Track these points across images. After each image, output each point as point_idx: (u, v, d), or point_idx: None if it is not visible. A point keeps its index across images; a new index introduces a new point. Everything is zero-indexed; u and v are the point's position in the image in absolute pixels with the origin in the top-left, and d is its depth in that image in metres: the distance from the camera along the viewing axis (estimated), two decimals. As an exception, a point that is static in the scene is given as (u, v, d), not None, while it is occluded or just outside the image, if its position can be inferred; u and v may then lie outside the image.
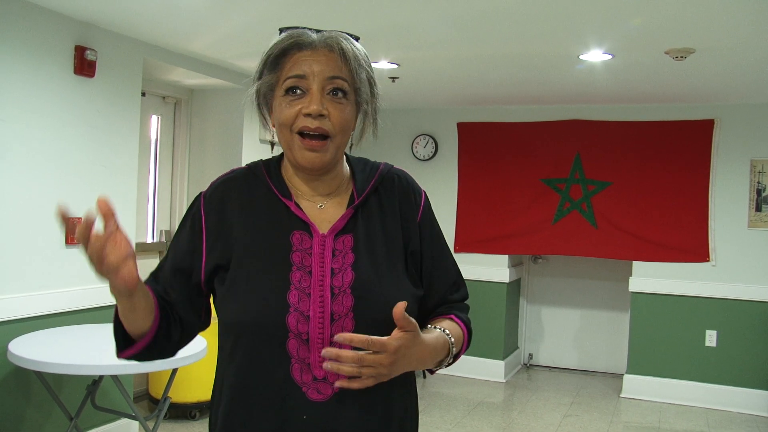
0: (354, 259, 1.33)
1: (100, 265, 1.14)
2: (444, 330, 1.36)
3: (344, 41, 1.34)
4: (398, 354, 1.21)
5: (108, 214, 1.12)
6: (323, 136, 1.31)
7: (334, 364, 1.19)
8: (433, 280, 1.44)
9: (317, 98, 1.30)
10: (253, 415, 1.31)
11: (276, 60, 1.34)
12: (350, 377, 1.21)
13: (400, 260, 1.39)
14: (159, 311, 1.33)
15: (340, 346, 1.22)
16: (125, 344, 1.33)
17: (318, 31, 1.35)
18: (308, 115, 1.30)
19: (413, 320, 1.22)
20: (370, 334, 1.25)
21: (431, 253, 1.45)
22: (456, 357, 1.39)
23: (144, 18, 3.58)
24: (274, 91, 1.35)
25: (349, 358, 1.18)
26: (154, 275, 1.43)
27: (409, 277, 1.40)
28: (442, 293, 1.45)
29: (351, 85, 1.33)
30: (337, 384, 1.23)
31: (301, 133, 1.31)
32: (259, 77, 1.37)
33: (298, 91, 1.31)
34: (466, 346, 1.44)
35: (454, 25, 3.49)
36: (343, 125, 1.33)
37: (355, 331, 1.29)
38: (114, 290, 1.21)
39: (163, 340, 1.34)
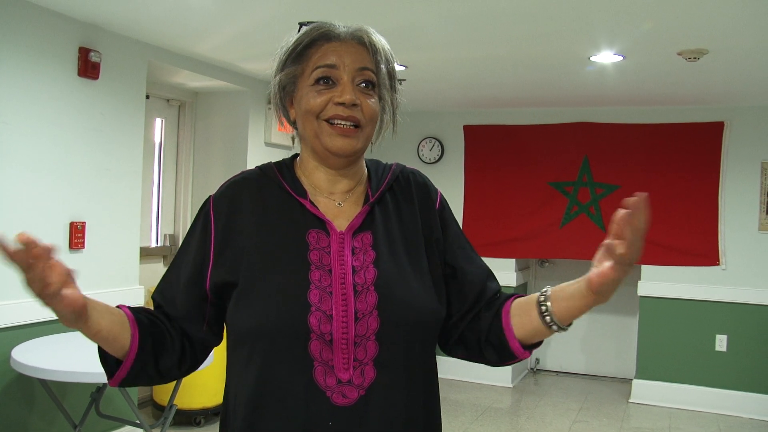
0: (375, 256, 1.30)
1: (45, 288, 1.07)
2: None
3: (372, 34, 1.34)
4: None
5: (31, 243, 1.04)
6: (355, 125, 1.30)
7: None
8: (465, 269, 1.38)
9: (349, 88, 1.28)
10: (275, 424, 1.24)
11: (302, 51, 1.32)
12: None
13: (422, 256, 1.35)
14: (138, 326, 1.26)
15: None
16: (112, 369, 1.28)
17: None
18: (340, 104, 1.28)
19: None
20: (394, 333, 1.24)
21: (458, 242, 1.41)
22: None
23: (149, 20, 3.53)
24: (296, 83, 1.33)
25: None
26: (160, 289, 1.37)
27: (433, 274, 1.35)
28: (482, 282, 1.38)
29: (378, 77, 1.33)
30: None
31: (330, 121, 1.29)
32: (281, 69, 1.33)
33: (329, 81, 1.29)
34: None
35: (461, 26, 3.45)
36: (373, 115, 1.32)
37: (380, 329, 1.24)
38: (63, 319, 1.13)
39: (150, 357, 1.27)
